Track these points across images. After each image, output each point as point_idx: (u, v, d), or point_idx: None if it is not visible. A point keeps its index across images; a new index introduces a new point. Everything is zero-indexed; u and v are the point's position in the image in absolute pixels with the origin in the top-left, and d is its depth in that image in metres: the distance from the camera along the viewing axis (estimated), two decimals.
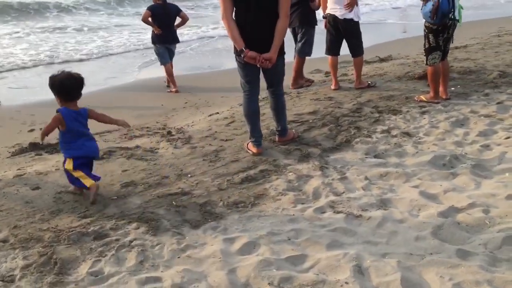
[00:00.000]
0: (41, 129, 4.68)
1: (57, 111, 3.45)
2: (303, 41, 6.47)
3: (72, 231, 3.05)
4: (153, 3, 7.47)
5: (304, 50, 6.51)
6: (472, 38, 9.47)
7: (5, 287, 2.53)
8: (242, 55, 3.97)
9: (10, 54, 10.68)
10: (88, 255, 2.81)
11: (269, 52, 3.96)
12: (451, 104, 5.37)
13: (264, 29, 3.96)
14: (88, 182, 3.47)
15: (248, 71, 4.14)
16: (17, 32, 13.34)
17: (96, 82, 8.29)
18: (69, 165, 3.48)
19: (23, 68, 9.44)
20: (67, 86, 3.41)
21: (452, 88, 5.87)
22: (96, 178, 3.56)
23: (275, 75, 4.24)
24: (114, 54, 10.70)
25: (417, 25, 8.00)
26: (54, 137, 4.95)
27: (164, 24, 7.35)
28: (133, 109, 6.47)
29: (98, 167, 4.08)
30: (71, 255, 2.81)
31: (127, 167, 4.08)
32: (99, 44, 11.65)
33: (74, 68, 9.52)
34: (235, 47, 4.04)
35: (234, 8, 3.98)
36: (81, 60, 10.20)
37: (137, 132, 5.21)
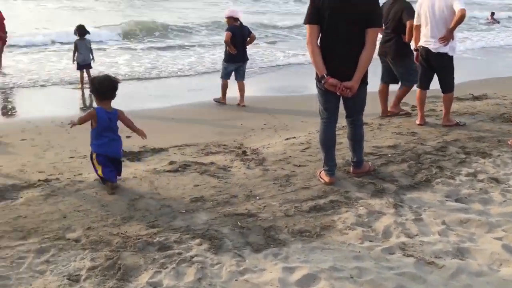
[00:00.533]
0: (128, 136, 4.98)
1: (94, 108, 3.99)
2: (404, 71, 6.33)
3: (139, 239, 3.15)
4: (230, 25, 7.88)
5: (409, 78, 6.35)
6: None
7: (70, 285, 2.65)
8: (323, 81, 3.93)
9: (114, 63, 11.59)
10: (150, 264, 2.87)
11: (351, 81, 3.87)
12: None
13: (348, 58, 3.89)
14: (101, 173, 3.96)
15: (328, 98, 4.08)
16: (127, 44, 14.49)
17: (183, 96, 8.66)
18: (94, 158, 4.00)
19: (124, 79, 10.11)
20: (103, 86, 3.94)
21: None
22: (112, 180, 3.94)
23: (355, 104, 4.14)
24: (206, 73, 11.12)
25: None
26: (136, 144, 5.22)
27: (239, 45, 7.83)
28: (214, 126, 6.64)
29: (171, 179, 4.21)
30: (134, 262, 2.88)
31: (199, 182, 4.15)
32: (193, 61, 12.22)
33: (167, 82, 10.08)
34: (316, 73, 4.01)
35: (320, 35, 3.96)
36: (175, 75, 10.72)
37: (214, 149, 5.32)
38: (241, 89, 7.97)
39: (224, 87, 7.95)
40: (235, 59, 7.86)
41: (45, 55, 12.43)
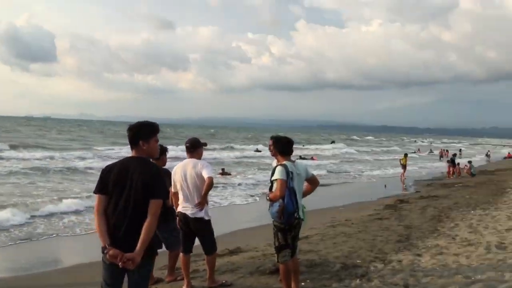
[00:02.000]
0: None
1: None
2: (168, 235, 6.35)
3: None
4: None
5: (173, 243, 6.34)
6: (311, 228, 10.10)
7: None
8: (105, 252, 3.67)
9: None
10: None
11: (133, 252, 3.63)
12: None
13: (132, 229, 3.71)
14: None
15: (111, 272, 3.76)
16: None
17: None
18: None
19: None
20: None
21: (302, 284, 5.96)
22: None
23: (137, 280, 3.80)
24: None
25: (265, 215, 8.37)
26: None
27: None
28: None
29: None
30: None
31: None
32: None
33: None
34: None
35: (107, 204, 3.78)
36: None
37: None
38: None
39: None
40: None
41: None
